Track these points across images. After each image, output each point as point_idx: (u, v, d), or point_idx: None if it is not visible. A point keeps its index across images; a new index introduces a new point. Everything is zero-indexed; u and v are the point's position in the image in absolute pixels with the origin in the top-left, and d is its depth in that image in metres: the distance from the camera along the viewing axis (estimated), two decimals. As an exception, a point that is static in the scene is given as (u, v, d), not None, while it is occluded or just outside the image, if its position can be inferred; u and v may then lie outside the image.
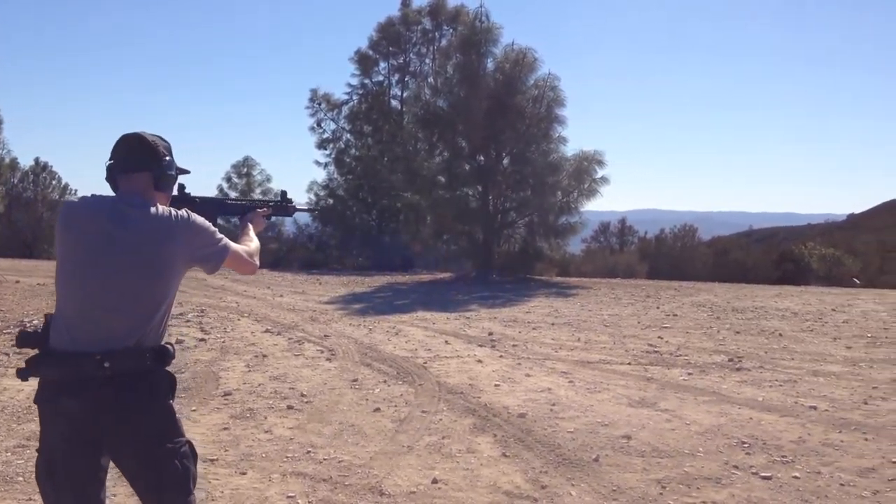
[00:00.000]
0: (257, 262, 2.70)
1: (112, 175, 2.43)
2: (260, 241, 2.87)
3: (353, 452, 4.86)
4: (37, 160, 30.00)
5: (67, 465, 2.30)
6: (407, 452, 4.88)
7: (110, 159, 2.43)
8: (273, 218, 3.31)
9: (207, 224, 2.47)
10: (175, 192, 2.65)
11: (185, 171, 2.64)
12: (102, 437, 2.31)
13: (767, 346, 8.98)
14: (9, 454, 4.67)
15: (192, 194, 2.86)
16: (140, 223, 2.32)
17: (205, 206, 2.81)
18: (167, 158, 2.46)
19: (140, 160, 2.40)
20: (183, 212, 2.41)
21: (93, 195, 2.41)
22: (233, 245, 2.57)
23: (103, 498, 2.41)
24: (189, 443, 2.40)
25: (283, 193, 3.37)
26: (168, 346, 2.37)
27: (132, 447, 2.31)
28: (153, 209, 2.35)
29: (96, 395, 2.24)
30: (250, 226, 2.95)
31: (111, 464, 2.40)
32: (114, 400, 2.25)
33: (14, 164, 29.88)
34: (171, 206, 2.46)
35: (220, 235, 2.50)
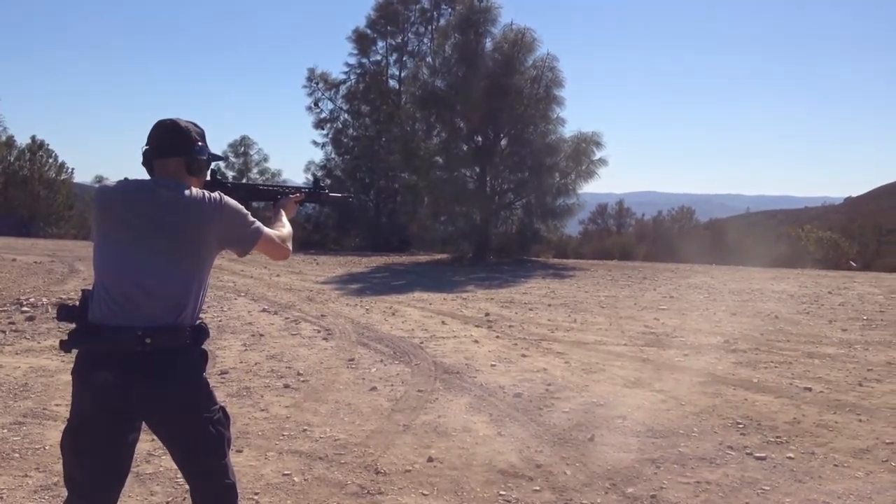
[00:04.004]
0: (290, 248, 2.74)
1: (148, 159, 2.50)
2: None
3: (349, 431, 4.88)
4: (33, 138, 29.87)
5: (94, 436, 2.35)
6: (403, 431, 4.90)
7: (146, 144, 2.50)
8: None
9: (240, 207, 2.51)
10: (208, 177, 2.68)
11: (219, 158, 2.70)
12: (135, 410, 2.38)
13: (763, 328, 9.00)
14: (4, 431, 4.67)
15: (224, 179, 2.87)
16: (175, 205, 2.38)
17: (237, 190, 2.82)
18: (199, 144, 2.52)
19: (173, 145, 2.47)
20: (216, 194, 2.46)
21: (127, 179, 2.47)
22: (266, 230, 2.60)
23: (126, 472, 2.46)
24: (222, 409, 2.50)
25: (316, 180, 3.35)
26: (204, 325, 2.45)
27: (171, 419, 2.41)
28: (187, 192, 2.41)
29: (135, 369, 2.30)
30: (282, 211, 2.97)
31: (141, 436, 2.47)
32: (153, 375, 2.32)
33: (10, 141, 29.74)
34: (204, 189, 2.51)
35: (252, 219, 2.53)
